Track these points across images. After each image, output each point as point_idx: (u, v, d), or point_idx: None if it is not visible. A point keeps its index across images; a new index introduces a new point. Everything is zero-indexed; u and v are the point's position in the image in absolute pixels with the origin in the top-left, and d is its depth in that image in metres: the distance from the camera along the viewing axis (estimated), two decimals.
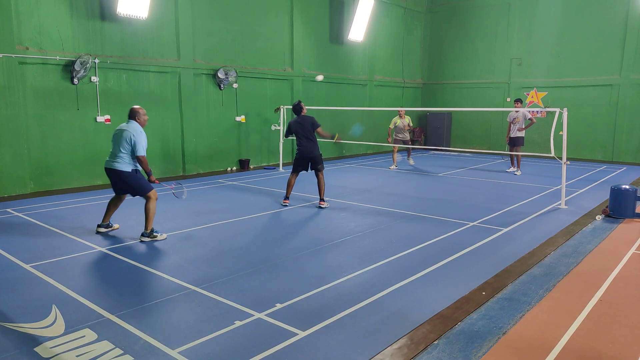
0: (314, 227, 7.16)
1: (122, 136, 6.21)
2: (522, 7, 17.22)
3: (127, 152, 6.21)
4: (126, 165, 6.24)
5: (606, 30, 15.57)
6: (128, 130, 6.21)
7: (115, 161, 6.23)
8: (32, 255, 5.71)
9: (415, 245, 6.19)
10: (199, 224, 7.21)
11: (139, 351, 3.52)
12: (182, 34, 11.67)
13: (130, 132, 6.18)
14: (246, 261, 5.55)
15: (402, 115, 13.27)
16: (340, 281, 4.93)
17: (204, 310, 4.23)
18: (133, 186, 6.33)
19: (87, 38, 10.09)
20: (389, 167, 13.91)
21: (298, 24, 14.50)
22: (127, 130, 6.21)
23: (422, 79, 20.29)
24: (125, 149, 6.20)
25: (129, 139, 6.16)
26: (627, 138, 15.57)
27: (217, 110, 12.78)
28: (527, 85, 17.29)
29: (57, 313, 4.13)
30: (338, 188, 10.36)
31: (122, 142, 6.20)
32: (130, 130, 6.20)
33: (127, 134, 6.18)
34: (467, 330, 3.87)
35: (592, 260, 5.69)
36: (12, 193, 9.31)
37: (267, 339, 3.69)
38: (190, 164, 12.26)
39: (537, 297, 4.55)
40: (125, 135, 6.18)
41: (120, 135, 6.25)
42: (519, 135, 12.32)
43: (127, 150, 6.20)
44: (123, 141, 6.19)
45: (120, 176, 6.28)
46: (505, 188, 10.54)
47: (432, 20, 19.84)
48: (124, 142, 6.18)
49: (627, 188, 7.80)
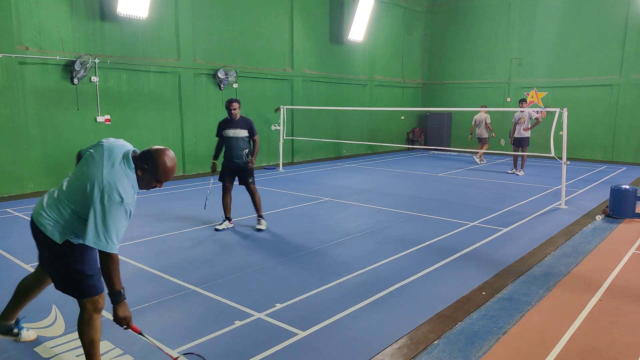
0: (314, 227, 7.16)
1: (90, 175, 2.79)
2: (522, 7, 17.22)
3: (78, 209, 2.84)
4: (64, 231, 2.87)
5: (606, 30, 15.57)
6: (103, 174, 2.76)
7: (47, 217, 2.87)
8: (32, 255, 5.67)
9: (415, 245, 6.19)
10: (199, 224, 7.20)
11: (139, 351, 3.52)
12: (182, 34, 11.67)
13: (106, 179, 2.74)
14: (246, 261, 5.55)
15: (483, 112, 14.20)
16: (340, 281, 4.93)
17: (204, 310, 4.23)
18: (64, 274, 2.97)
19: (87, 38, 10.09)
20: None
21: (298, 24, 14.50)
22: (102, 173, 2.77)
23: (422, 79, 20.29)
24: (78, 202, 2.82)
25: (97, 190, 2.72)
26: (627, 138, 15.57)
27: (217, 110, 12.76)
28: (527, 85, 17.29)
29: (57, 313, 4.13)
30: (338, 188, 10.36)
31: (83, 183, 2.80)
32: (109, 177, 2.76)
33: (97, 178, 2.75)
34: (467, 330, 3.87)
35: (592, 260, 5.69)
36: (12, 193, 9.31)
37: (267, 339, 3.69)
38: (190, 164, 12.25)
39: (537, 297, 4.55)
40: (94, 178, 2.76)
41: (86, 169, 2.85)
42: (524, 135, 12.29)
43: (78, 207, 2.83)
44: (84, 184, 2.78)
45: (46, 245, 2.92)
46: (505, 188, 10.54)
47: (432, 20, 19.84)
48: (82, 188, 2.79)
49: (627, 188, 7.80)
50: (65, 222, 2.86)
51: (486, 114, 14.29)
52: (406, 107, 19.43)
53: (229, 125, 6.86)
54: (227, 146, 6.86)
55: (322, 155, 16.11)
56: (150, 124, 11.38)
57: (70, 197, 2.86)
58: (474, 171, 13.18)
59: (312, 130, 15.08)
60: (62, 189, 2.93)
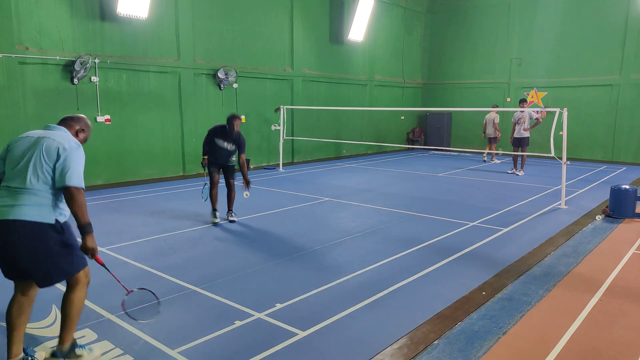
0: (314, 227, 7.16)
1: (38, 150, 3.15)
2: (522, 7, 17.23)
3: (48, 182, 3.11)
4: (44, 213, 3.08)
5: (606, 30, 15.57)
6: (54, 139, 3.20)
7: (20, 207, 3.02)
8: None
9: (415, 245, 6.19)
10: (199, 224, 7.20)
11: (139, 351, 3.52)
12: (182, 34, 11.67)
13: (58, 143, 3.18)
14: (246, 261, 5.55)
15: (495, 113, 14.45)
16: (340, 281, 4.93)
17: (204, 310, 4.23)
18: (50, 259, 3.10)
19: (87, 38, 10.09)
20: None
21: (298, 24, 14.51)
22: (52, 139, 3.20)
23: (422, 79, 20.29)
24: (42, 177, 3.10)
25: (55, 154, 3.13)
26: (627, 138, 15.57)
27: (217, 110, 12.77)
28: (527, 85, 17.29)
29: (57, 313, 4.12)
30: (338, 188, 10.36)
31: (36, 161, 3.11)
32: (59, 140, 3.21)
33: (51, 144, 3.16)
34: (467, 330, 3.87)
35: (592, 260, 5.69)
36: None
37: (267, 339, 3.69)
38: (191, 164, 12.25)
39: (537, 297, 4.55)
40: (48, 147, 3.15)
41: (32, 147, 3.17)
42: (524, 135, 12.29)
43: (47, 178, 3.11)
44: (39, 159, 3.12)
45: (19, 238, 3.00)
46: (505, 188, 10.54)
47: (432, 20, 19.84)
48: (40, 162, 3.11)
49: (627, 188, 7.80)
50: (44, 198, 3.08)
51: (495, 114, 14.44)
52: (406, 107, 19.43)
53: (223, 137, 7.15)
54: (213, 151, 7.24)
55: (322, 155, 16.11)
56: (150, 124, 11.38)
57: (30, 174, 3.08)
58: (474, 171, 13.18)
59: (312, 130, 15.09)
60: (11, 178, 3.11)
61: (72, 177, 3.10)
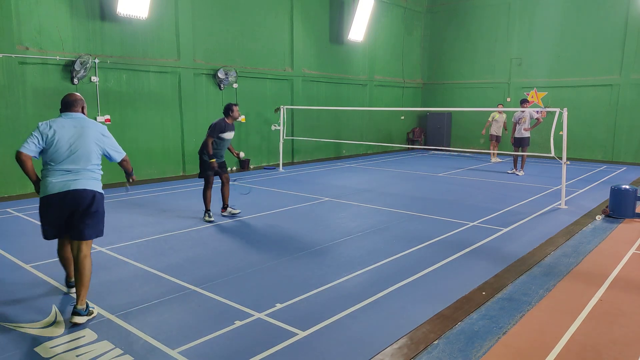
0: (314, 227, 7.16)
1: (87, 138, 4.08)
2: (522, 7, 17.22)
3: (98, 163, 4.20)
4: (97, 185, 4.18)
5: (606, 30, 15.57)
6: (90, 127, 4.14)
7: (80, 178, 4.03)
8: (32, 255, 5.71)
9: (415, 245, 6.19)
10: (199, 224, 7.20)
11: (139, 351, 3.52)
12: (182, 34, 11.67)
13: (96, 130, 4.17)
14: (246, 261, 5.55)
15: (501, 112, 14.43)
16: (340, 281, 4.93)
17: (204, 310, 4.23)
18: (96, 219, 4.16)
19: (87, 38, 10.09)
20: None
21: (298, 24, 14.51)
22: (89, 127, 4.13)
23: (422, 79, 20.29)
24: (95, 159, 4.14)
25: (100, 138, 4.18)
26: (627, 138, 15.57)
27: (217, 110, 12.75)
28: (527, 85, 17.29)
29: (57, 313, 4.13)
30: (338, 188, 10.36)
31: (90, 147, 4.09)
32: (94, 126, 4.18)
33: (93, 134, 4.13)
34: (467, 330, 3.87)
35: (592, 260, 5.69)
36: (12, 193, 9.31)
37: (267, 339, 3.69)
38: (191, 164, 12.25)
39: (537, 297, 4.55)
40: (92, 137, 4.11)
41: (80, 137, 4.06)
42: (524, 135, 12.29)
43: (98, 160, 4.18)
44: (91, 145, 4.10)
45: (85, 203, 4.04)
46: (505, 188, 10.54)
47: (432, 20, 19.84)
48: (92, 146, 4.11)
49: (627, 188, 7.80)
50: (97, 174, 4.19)
51: (494, 113, 14.55)
52: (406, 107, 19.43)
53: (228, 128, 7.44)
54: (219, 146, 7.50)
55: (322, 155, 16.11)
56: (150, 124, 11.38)
57: (87, 155, 4.07)
58: (474, 171, 13.18)
59: (312, 130, 15.09)
60: (73, 163, 4.04)
61: (121, 151, 4.37)
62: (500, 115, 14.51)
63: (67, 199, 3.99)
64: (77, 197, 4.01)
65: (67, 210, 4.02)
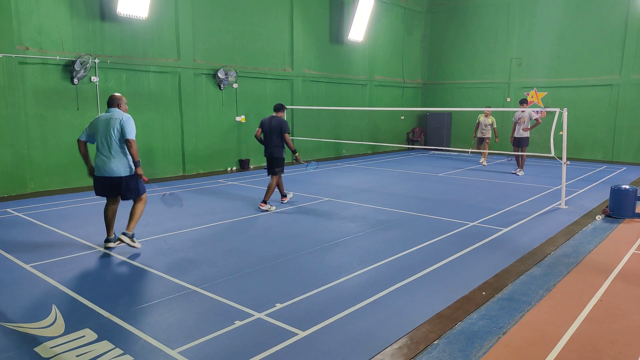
0: (314, 227, 7.16)
1: (110, 126, 5.53)
2: (522, 7, 17.22)
3: (122, 142, 5.59)
4: (130, 167, 5.67)
5: (606, 30, 15.57)
6: (115, 117, 5.57)
7: (117, 165, 5.59)
8: (32, 255, 5.71)
9: (415, 245, 6.19)
10: (199, 224, 7.21)
11: (139, 351, 3.52)
12: (182, 34, 11.67)
13: (117, 118, 5.55)
14: (246, 261, 5.55)
15: (487, 114, 13.99)
16: (340, 281, 4.93)
17: (204, 310, 4.23)
18: (132, 188, 5.70)
19: (87, 38, 10.09)
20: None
21: (298, 24, 14.51)
22: (114, 117, 5.57)
23: (422, 79, 20.29)
24: (117, 139, 5.57)
25: (119, 124, 5.53)
26: (627, 138, 15.57)
27: (217, 110, 12.78)
28: (527, 85, 17.29)
29: (57, 313, 4.13)
30: (338, 188, 10.36)
31: (112, 132, 5.52)
32: (117, 116, 5.59)
33: (114, 122, 5.53)
34: (467, 330, 3.87)
35: (592, 260, 5.69)
36: (12, 193, 9.32)
37: (267, 339, 3.69)
38: (190, 164, 12.25)
39: (537, 297, 4.55)
40: (113, 125, 5.52)
41: (107, 125, 5.53)
42: (524, 135, 12.29)
43: (120, 140, 5.59)
44: (113, 131, 5.52)
45: (122, 183, 5.66)
46: (505, 188, 10.54)
47: (432, 20, 19.84)
48: (114, 132, 5.52)
49: (627, 188, 7.80)
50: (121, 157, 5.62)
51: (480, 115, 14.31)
52: (406, 107, 19.43)
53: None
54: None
55: (322, 155, 16.11)
56: (150, 124, 11.38)
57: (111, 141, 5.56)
58: (473, 171, 13.18)
59: (312, 130, 15.09)
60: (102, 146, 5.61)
61: (129, 133, 5.56)
62: (485, 118, 13.98)
63: (105, 181, 5.65)
64: (110, 180, 5.63)
65: (107, 187, 5.70)
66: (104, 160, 5.59)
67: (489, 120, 13.98)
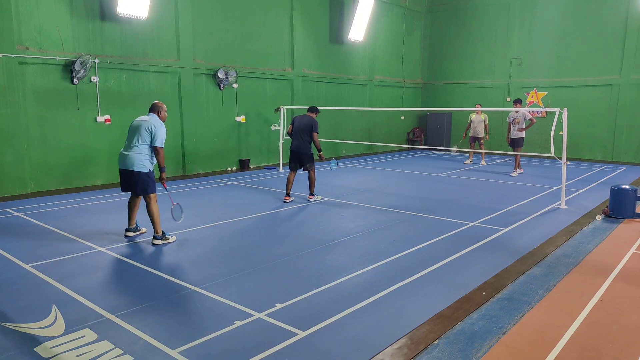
0: (314, 227, 7.16)
1: (142, 127, 6.08)
2: (522, 7, 17.22)
3: (147, 143, 6.08)
4: (143, 164, 6.08)
5: (606, 30, 15.57)
6: (149, 121, 6.11)
7: (133, 159, 6.05)
8: (32, 255, 5.71)
9: (415, 245, 6.19)
10: (199, 224, 7.21)
11: (139, 351, 3.52)
12: (182, 34, 11.66)
13: (151, 123, 6.08)
14: (246, 261, 5.55)
15: (479, 112, 14.00)
16: (340, 281, 4.93)
17: (204, 310, 4.23)
18: (141, 185, 6.13)
19: (87, 38, 10.09)
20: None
21: (298, 24, 14.50)
22: (148, 121, 6.11)
23: (422, 79, 20.29)
24: (144, 140, 6.06)
25: (149, 128, 6.05)
26: (627, 138, 15.57)
27: (217, 110, 12.78)
28: (527, 85, 17.29)
29: (57, 313, 4.13)
30: (338, 188, 10.36)
31: (141, 132, 6.07)
32: (152, 121, 6.12)
33: (147, 124, 6.08)
34: (467, 330, 3.87)
35: (592, 260, 5.69)
36: (12, 193, 9.31)
37: (267, 339, 3.69)
38: (190, 164, 12.25)
39: (537, 297, 4.55)
40: (145, 126, 6.08)
41: (139, 126, 6.12)
42: (518, 135, 12.31)
43: (146, 141, 6.07)
44: (142, 131, 6.06)
45: (133, 176, 6.11)
46: (505, 188, 10.54)
47: (432, 20, 19.84)
48: (143, 132, 6.06)
49: (627, 188, 7.80)
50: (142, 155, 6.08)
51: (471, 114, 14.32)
52: (406, 107, 19.42)
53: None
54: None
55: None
56: None
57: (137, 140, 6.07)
58: (473, 171, 13.18)
59: None
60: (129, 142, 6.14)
61: (158, 141, 6.10)
62: (477, 116, 13.98)
63: (123, 174, 6.22)
64: (124, 173, 6.19)
65: (124, 179, 6.24)
66: (123, 154, 6.14)
67: (482, 116, 13.97)
